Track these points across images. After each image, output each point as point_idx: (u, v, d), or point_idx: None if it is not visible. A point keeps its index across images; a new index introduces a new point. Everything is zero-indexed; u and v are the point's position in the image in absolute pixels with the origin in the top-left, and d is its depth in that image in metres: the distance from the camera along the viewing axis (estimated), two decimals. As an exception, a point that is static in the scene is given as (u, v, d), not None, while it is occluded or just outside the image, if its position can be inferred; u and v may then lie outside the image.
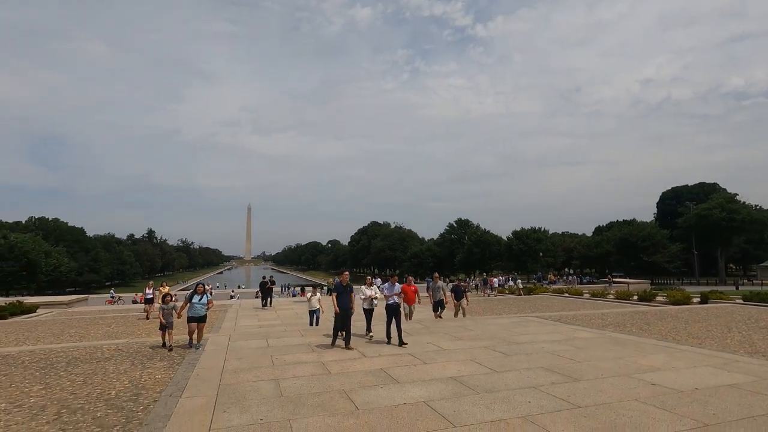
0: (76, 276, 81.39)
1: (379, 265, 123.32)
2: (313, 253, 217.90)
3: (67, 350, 9.86)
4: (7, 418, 5.40)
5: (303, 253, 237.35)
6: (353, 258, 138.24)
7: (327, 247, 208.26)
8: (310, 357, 8.68)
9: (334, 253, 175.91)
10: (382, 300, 10.17)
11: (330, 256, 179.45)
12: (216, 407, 5.70)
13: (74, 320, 18.54)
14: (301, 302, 26.60)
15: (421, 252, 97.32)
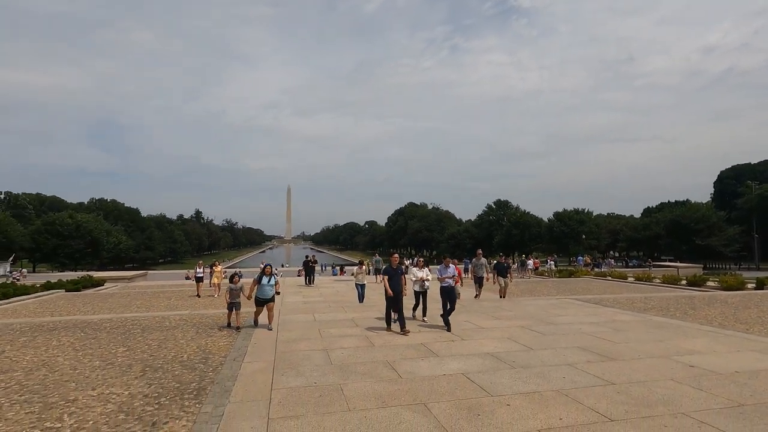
0: (133, 253, 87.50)
1: (416, 246, 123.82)
2: (351, 233, 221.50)
3: (139, 319, 11.05)
4: (104, 373, 6.34)
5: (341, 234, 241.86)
6: (390, 239, 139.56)
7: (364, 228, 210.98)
8: (354, 331, 9.31)
9: (371, 233, 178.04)
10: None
11: (367, 237, 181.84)
12: (274, 371, 6.40)
13: (138, 293, 20.35)
14: (341, 281, 27.61)
15: (458, 233, 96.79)
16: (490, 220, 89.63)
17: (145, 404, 5.11)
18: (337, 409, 4.95)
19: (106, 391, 5.57)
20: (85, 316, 12.13)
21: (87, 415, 4.80)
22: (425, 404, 5.05)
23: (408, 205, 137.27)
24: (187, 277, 41.84)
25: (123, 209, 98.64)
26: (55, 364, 6.82)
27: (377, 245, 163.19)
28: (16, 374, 6.31)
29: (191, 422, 4.60)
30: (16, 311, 14.15)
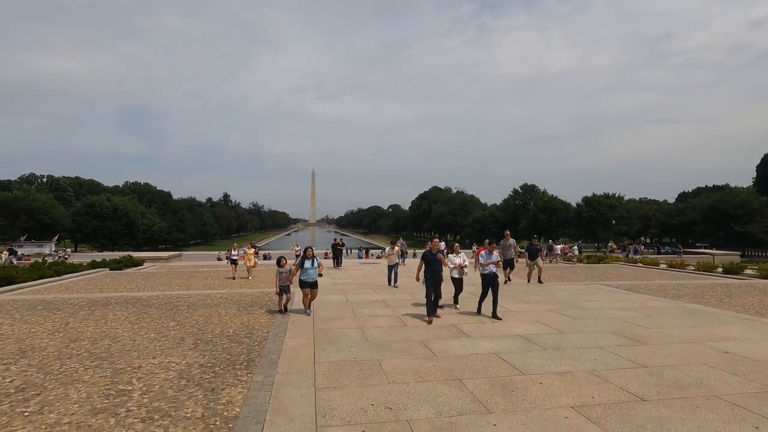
0: (166, 235, 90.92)
1: (440, 230, 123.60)
2: (375, 217, 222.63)
3: (183, 297, 11.75)
4: (160, 344, 6.91)
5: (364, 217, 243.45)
6: (413, 222, 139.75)
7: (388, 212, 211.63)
8: (386, 311, 9.66)
9: (394, 217, 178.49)
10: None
11: (391, 221, 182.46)
12: (315, 347, 6.81)
13: (176, 273, 21.39)
14: (366, 263, 28.11)
15: (483, 217, 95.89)
16: (516, 205, 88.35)
17: (202, 372, 5.59)
18: (378, 382, 5.29)
19: (165, 360, 6.10)
20: (133, 293, 12.96)
21: (152, 380, 5.31)
22: (460, 380, 5.33)
23: (432, 189, 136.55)
24: (218, 258, 43.51)
25: (156, 192, 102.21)
26: (116, 336, 7.45)
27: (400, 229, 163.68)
28: (83, 343, 6.95)
29: (246, 389, 5.03)
30: (69, 287, 15.20)
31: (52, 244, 57.38)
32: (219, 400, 4.72)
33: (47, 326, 8.13)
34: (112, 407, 4.51)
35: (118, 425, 4.10)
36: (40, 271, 18.33)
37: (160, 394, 4.85)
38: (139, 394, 4.87)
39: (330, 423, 4.18)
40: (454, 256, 10.10)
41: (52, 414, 4.34)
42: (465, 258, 10.15)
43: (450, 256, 10.06)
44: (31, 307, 10.04)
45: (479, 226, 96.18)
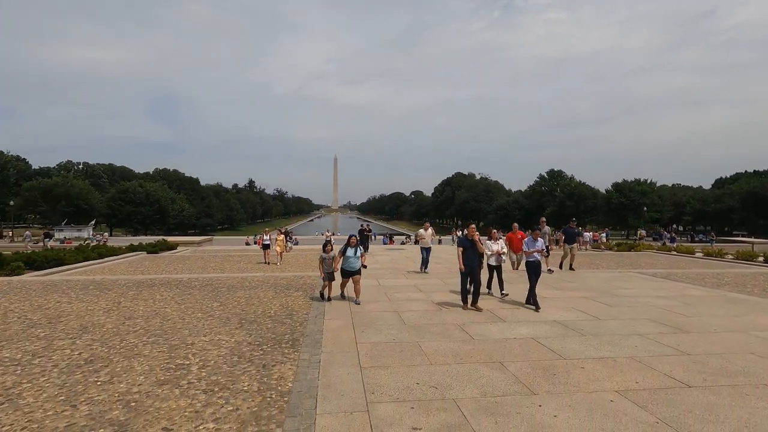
0: (195, 220, 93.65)
1: (463, 216, 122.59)
2: (397, 203, 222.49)
3: (222, 279, 12.21)
4: (208, 323, 7.27)
5: (387, 204, 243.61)
6: (436, 209, 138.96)
7: (410, 198, 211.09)
8: (419, 296, 9.81)
9: (417, 203, 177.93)
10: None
11: (413, 207, 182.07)
12: (355, 328, 7.03)
13: (209, 257, 22.13)
14: (392, 249, 28.29)
15: (507, 204, 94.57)
16: (542, 191, 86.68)
17: (251, 350, 5.89)
18: (420, 362, 5.45)
19: (215, 338, 6.43)
20: (173, 275, 13.55)
21: (207, 355, 5.63)
22: (501, 363, 5.43)
23: (455, 174, 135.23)
24: (247, 243, 44.67)
25: (184, 179, 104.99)
26: (166, 314, 7.87)
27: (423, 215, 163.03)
28: (138, 321, 7.39)
29: (295, 366, 5.28)
30: (112, 269, 15.99)
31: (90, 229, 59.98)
32: (271, 375, 4.99)
33: (101, 305, 8.65)
34: (174, 379, 4.83)
35: (182, 395, 4.40)
36: (85, 253, 19.32)
37: (216, 369, 5.15)
38: (196, 368, 5.19)
39: (379, 399, 4.37)
40: (492, 242, 9.79)
41: (121, 384, 4.69)
42: (503, 244, 9.88)
43: (487, 243, 9.72)
44: (84, 287, 10.67)
45: (503, 213, 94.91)
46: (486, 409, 4.16)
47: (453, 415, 4.03)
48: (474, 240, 8.49)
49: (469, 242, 8.53)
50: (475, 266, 8.40)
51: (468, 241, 8.55)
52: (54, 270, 15.54)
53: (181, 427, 3.76)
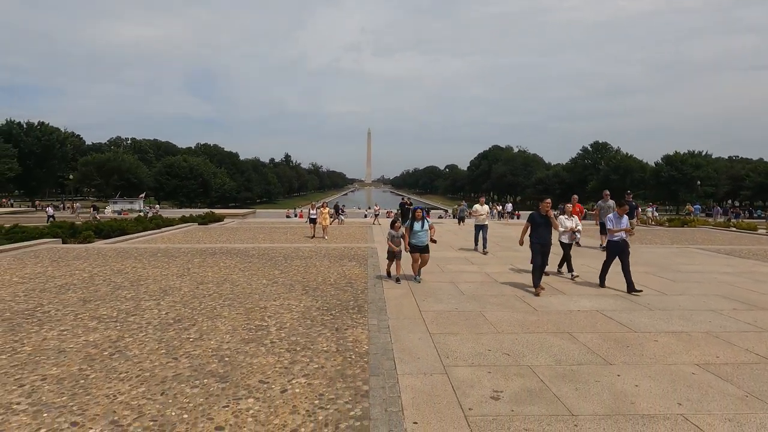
0: (235, 194, 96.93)
1: (499, 190, 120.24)
2: (431, 177, 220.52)
3: (276, 249, 12.70)
4: (274, 289, 7.65)
5: (420, 177, 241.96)
6: (472, 183, 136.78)
7: (444, 172, 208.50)
8: (472, 268, 9.86)
9: (452, 177, 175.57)
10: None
11: (448, 181, 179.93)
12: (415, 297, 7.20)
13: (256, 229, 22.97)
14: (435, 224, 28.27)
15: (547, 178, 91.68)
16: (585, 164, 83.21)
17: (321, 314, 6.18)
18: (487, 330, 5.55)
19: (285, 302, 6.78)
20: (228, 245, 14.21)
21: (281, 318, 5.97)
22: (570, 333, 5.44)
23: (492, 147, 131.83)
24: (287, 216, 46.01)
25: (224, 153, 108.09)
26: (234, 280, 8.33)
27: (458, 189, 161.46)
28: (210, 286, 7.88)
29: (366, 330, 5.51)
30: (170, 239, 16.95)
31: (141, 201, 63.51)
32: (346, 338, 5.23)
33: (173, 270, 9.25)
34: (258, 338, 5.17)
35: (269, 353, 4.72)
36: (143, 224, 20.55)
37: (293, 331, 5.46)
38: (275, 329, 5.52)
39: (455, 363, 4.51)
40: (566, 218, 9.21)
41: (211, 341, 5.07)
42: (578, 221, 9.28)
43: (561, 218, 9.16)
44: (153, 254, 11.42)
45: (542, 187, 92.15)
46: (563, 376, 4.22)
47: (531, 381, 4.11)
48: (549, 216, 7.82)
49: (542, 218, 7.79)
50: (548, 244, 7.77)
51: (541, 217, 7.80)
52: (119, 239, 16.68)
53: (275, 381, 4.06)
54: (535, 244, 7.67)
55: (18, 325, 5.53)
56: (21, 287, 7.58)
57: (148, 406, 3.57)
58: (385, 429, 3.29)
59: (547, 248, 7.76)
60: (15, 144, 62.29)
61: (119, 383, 3.96)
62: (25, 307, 6.33)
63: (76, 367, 4.31)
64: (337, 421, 3.39)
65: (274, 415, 3.46)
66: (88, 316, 5.94)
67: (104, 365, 4.35)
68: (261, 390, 3.87)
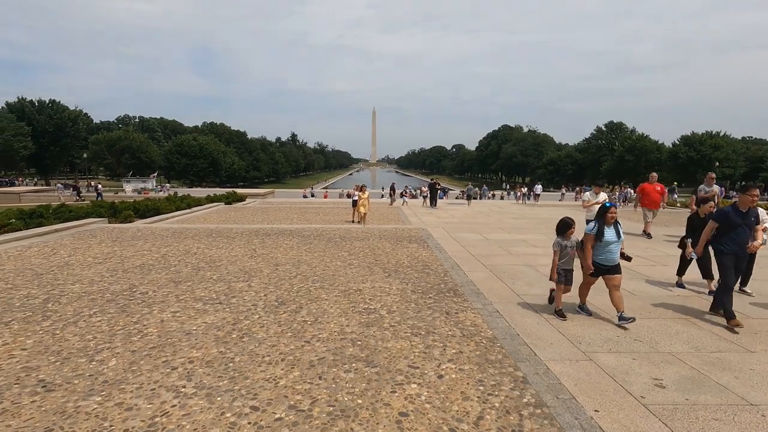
0: (244, 173, 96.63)
1: (508, 171, 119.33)
2: (438, 157, 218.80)
3: (325, 230, 12.61)
4: (353, 272, 7.57)
5: (427, 158, 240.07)
6: (480, 163, 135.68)
7: (451, 152, 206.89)
8: (540, 251, 9.74)
9: (459, 157, 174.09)
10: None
11: (455, 161, 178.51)
12: (501, 280, 7.11)
13: (285, 208, 22.87)
14: (453, 204, 28.10)
15: (558, 158, 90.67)
16: (599, 145, 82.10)
17: (419, 298, 6.11)
18: (601, 316, 5.46)
19: (375, 285, 6.71)
20: (273, 225, 14.13)
21: (384, 301, 5.90)
22: (687, 319, 5.35)
23: (502, 127, 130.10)
24: (304, 196, 45.92)
25: (232, 132, 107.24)
26: (308, 262, 8.26)
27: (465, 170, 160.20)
28: (287, 267, 7.81)
29: (477, 315, 5.45)
30: (206, 219, 16.90)
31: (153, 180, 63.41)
32: (463, 322, 5.17)
33: (239, 251, 9.18)
34: (374, 322, 5.11)
35: (397, 337, 4.66)
36: (175, 203, 20.48)
37: (403, 314, 5.40)
38: (385, 312, 5.46)
39: (593, 349, 4.45)
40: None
41: (330, 324, 5.02)
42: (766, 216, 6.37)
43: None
44: (208, 234, 11.36)
45: (553, 168, 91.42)
46: (713, 363, 4.14)
47: (683, 368, 4.04)
48: (747, 212, 5.29)
49: (741, 216, 5.28)
50: (745, 255, 5.46)
51: (739, 215, 5.28)
52: (156, 218, 16.63)
53: (424, 365, 4.00)
54: (728, 254, 5.28)
55: (127, 307, 5.50)
56: (102, 267, 7.55)
57: (315, 391, 3.52)
58: (569, 416, 3.24)
59: (742, 254, 5.35)
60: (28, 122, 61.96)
61: (270, 367, 3.92)
62: (120, 288, 6.30)
63: (215, 350, 4.27)
64: (516, 408, 3.34)
65: (449, 401, 3.41)
66: (189, 298, 5.90)
67: (241, 348, 4.31)
68: (416, 375, 3.82)
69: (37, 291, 6.09)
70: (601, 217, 5.34)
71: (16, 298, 5.79)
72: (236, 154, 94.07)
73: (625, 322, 5.08)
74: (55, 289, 6.22)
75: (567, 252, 5.50)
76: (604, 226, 5.28)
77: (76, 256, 8.44)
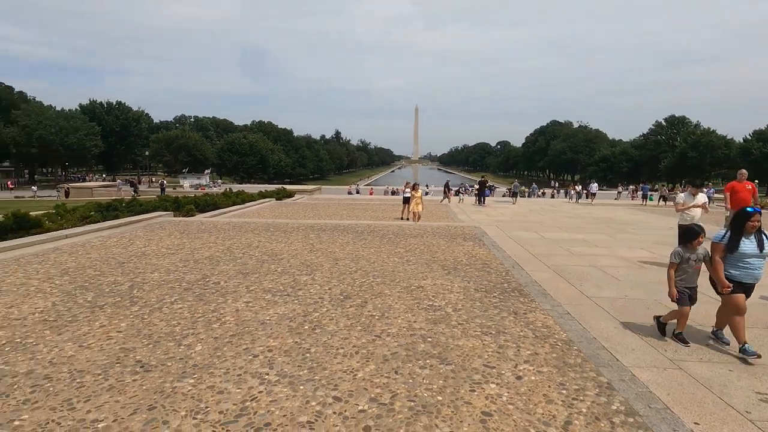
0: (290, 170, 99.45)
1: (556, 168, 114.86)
2: (482, 154, 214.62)
3: (377, 226, 12.70)
4: (413, 268, 7.57)
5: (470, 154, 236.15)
6: (527, 160, 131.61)
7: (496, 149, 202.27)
8: (604, 252, 9.30)
9: (504, 154, 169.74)
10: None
11: (500, 158, 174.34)
12: (566, 281, 6.84)
13: (335, 204, 23.31)
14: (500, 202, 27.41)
15: (612, 155, 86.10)
16: (658, 140, 77.07)
17: (483, 296, 6.00)
18: (683, 322, 5.11)
19: (436, 282, 6.67)
20: (325, 221, 14.43)
21: (448, 298, 5.84)
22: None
23: (551, 123, 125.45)
24: (349, 192, 46.58)
25: (279, 130, 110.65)
26: (366, 257, 8.35)
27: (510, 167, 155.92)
28: (346, 262, 7.94)
29: (545, 315, 5.27)
30: (261, 213, 17.54)
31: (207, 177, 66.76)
32: (533, 322, 5.02)
33: (298, 246, 9.44)
34: (441, 319, 5.07)
35: (467, 335, 4.60)
36: (231, 198, 21.42)
37: (470, 313, 5.32)
38: (451, 310, 5.40)
39: (680, 357, 4.17)
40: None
41: (398, 319, 5.04)
42: None
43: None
44: (265, 229, 11.78)
45: (606, 165, 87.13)
46: (825, 379, 3.75)
47: (789, 383, 3.69)
48: None
49: None
50: None
51: None
52: (215, 213, 17.47)
53: (500, 365, 3.92)
54: None
55: (203, 296, 5.81)
56: (175, 258, 8.03)
57: (394, 385, 3.54)
58: (666, 428, 3.05)
59: None
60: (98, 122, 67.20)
61: (345, 359, 3.99)
62: (195, 278, 6.66)
63: (290, 340, 4.40)
64: (606, 415, 3.18)
65: (531, 403, 3.31)
66: (258, 289, 6.13)
67: (315, 339, 4.42)
68: (494, 375, 3.75)
69: (122, 278, 6.57)
70: (739, 225, 4.34)
71: (105, 284, 6.27)
72: (283, 151, 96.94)
73: (750, 356, 4.10)
74: (137, 276, 6.68)
75: (690, 265, 4.57)
76: (742, 234, 4.31)
77: (150, 247, 9.02)
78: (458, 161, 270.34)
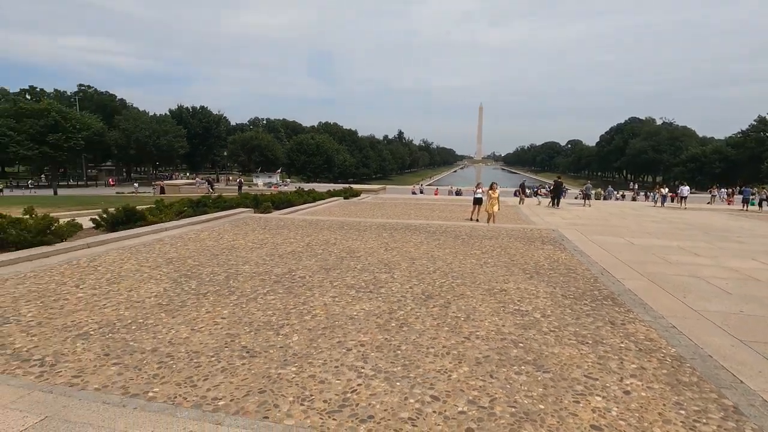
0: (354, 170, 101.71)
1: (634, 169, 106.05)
2: (550, 154, 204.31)
3: (450, 227, 12.57)
4: (492, 270, 7.38)
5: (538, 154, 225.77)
6: (601, 160, 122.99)
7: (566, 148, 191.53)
8: (705, 261, 8.44)
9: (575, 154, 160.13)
10: None
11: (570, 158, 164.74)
12: (664, 290, 6.28)
13: (401, 204, 23.46)
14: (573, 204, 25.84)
15: (703, 155, 77.74)
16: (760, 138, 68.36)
17: (573, 303, 5.69)
18: (818, 344, 4.48)
19: (521, 286, 6.44)
20: (395, 220, 14.56)
21: (535, 304, 5.62)
22: None
23: (629, 120, 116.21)
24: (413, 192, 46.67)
25: (344, 131, 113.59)
26: (443, 258, 8.30)
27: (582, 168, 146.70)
28: (422, 262, 7.94)
29: (647, 327, 4.88)
30: (331, 212, 18.09)
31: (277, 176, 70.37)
32: (634, 334, 4.67)
33: (373, 244, 9.61)
34: (531, 325, 4.88)
35: (561, 343, 4.39)
36: (303, 197, 22.35)
37: (561, 320, 5.07)
38: (539, 316, 5.19)
39: (823, 385, 3.65)
40: None
41: (484, 322, 4.94)
42: None
43: None
44: (340, 227, 12.15)
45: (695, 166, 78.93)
46: None
47: None
48: None
49: None
50: None
51: None
52: (289, 210, 18.33)
53: (603, 378, 3.69)
54: None
55: (292, 288, 6.11)
56: (261, 252, 8.54)
57: (491, 389, 3.47)
58: (815, 464, 2.68)
59: None
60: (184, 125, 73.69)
61: (437, 359, 3.98)
62: (282, 271, 7.04)
63: (380, 336, 4.49)
64: (737, 442, 2.87)
65: (646, 421, 3.08)
66: (342, 285, 6.32)
67: (404, 337, 4.46)
68: (598, 387, 3.54)
69: (218, 269, 7.11)
70: None
71: (204, 274, 6.83)
72: (347, 151, 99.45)
73: None
74: (231, 268, 7.19)
75: None
76: None
77: (238, 241, 9.68)
78: (524, 161, 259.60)
